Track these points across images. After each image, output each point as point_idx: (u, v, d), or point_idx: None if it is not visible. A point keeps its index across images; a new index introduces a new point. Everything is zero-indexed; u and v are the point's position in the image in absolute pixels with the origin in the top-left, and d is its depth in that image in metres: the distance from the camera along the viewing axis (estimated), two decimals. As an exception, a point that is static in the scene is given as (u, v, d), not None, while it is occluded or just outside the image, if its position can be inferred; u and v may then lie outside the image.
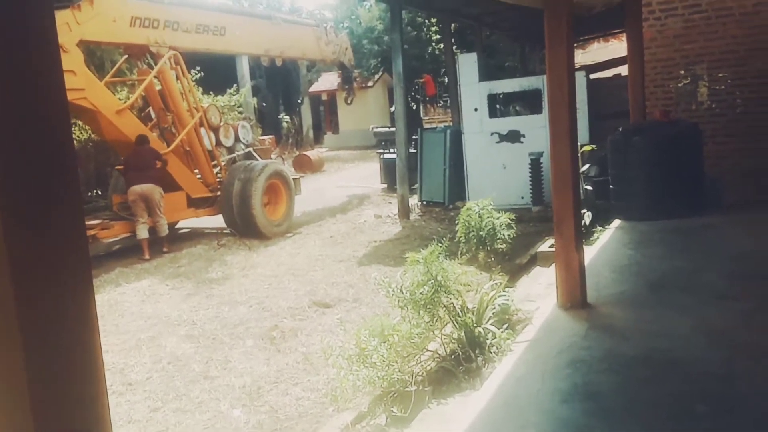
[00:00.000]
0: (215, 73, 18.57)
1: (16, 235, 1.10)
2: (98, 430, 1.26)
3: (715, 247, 6.55)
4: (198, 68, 16.54)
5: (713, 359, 3.91)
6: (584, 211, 8.27)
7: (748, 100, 8.71)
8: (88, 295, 1.24)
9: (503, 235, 5.46)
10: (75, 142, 14.68)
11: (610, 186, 8.27)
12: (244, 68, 23.13)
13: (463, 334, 4.66)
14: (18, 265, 1.10)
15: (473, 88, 11.55)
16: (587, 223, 8.10)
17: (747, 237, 6.75)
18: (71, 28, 8.60)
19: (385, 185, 15.01)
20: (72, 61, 8.68)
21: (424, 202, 12.56)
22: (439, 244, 4.75)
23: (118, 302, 7.41)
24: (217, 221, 11.08)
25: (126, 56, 11.03)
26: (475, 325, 4.70)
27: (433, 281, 4.44)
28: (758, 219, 7.42)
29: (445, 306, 4.62)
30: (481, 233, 5.40)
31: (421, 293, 4.41)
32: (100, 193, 13.85)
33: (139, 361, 5.70)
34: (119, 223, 9.73)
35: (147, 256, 9.33)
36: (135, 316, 6.92)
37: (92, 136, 12.66)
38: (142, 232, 9.53)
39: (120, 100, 10.43)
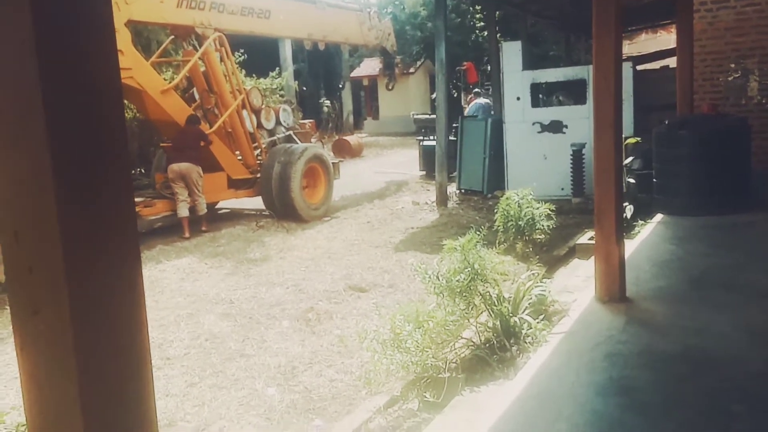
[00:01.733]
0: (258, 55, 18.66)
1: (69, 212, 1.13)
2: (143, 415, 1.28)
3: (760, 245, 6.40)
4: (242, 50, 16.64)
5: (753, 358, 3.84)
6: (626, 204, 8.15)
7: (800, 96, 8.47)
8: (137, 273, 1.26)
9: (542, 225, 5.42)
10: (120, 120, 14.96)
11: (654, 179, 8.12)
12: (287, 52, 23.24)
13: (498, 323, 4.65)
14: (69, 243, 1.13)
15: (516, 77, 11.43)
16: (629, 216, 7.98)
17: (794, 236, 6.58)
18: (120, 8, 8.74)
19: (424, 172, 14.98)
20: (120, 40, 8.81)
21: (463, 191, 12.50)
22: (477, 233, 4.73)
23: (158, 279, 7.56)
24: (257, 203, 11.20)
25: (172, 37, 11.16)
26: (510, 314, 4.69)
27: (469, 269, 4.44)
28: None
29: (481, 294, 4.62)
30: (519, 223, 5.37)
31: (457, 281, 4.41)
32: (143, 171, 14.06)
33: (177, 337, 5.82)
34: (161, 201, 9.90)
35: (187, 235, 9.49)
36: (174, 293, 7.06)
37: (137, 115, 12.84)
38: (183, 211, 9.68)
39: (165, 80, 10.56)
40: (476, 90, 18.29)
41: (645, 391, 3.54)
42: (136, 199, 9.93)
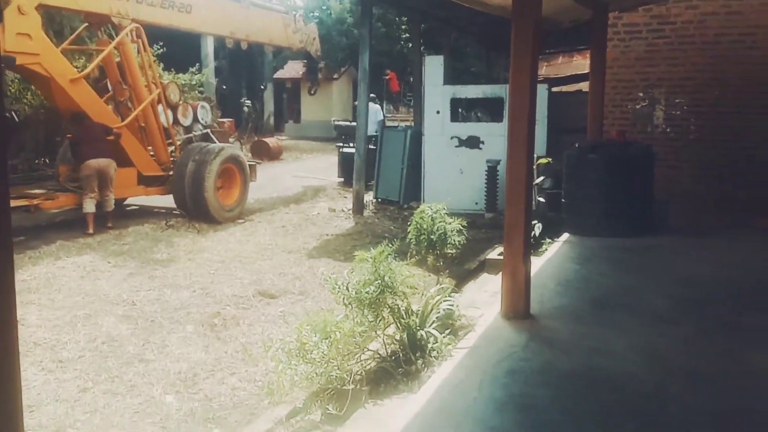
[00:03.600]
0: (179, 50, 18.17)
1: None
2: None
3: (659, 268, 6.69)
4: (161, 43, 16.17)
5: (648, 380, 3.99)
6: (535, 222, 8.36)
7: (702, 128, 8.95)
8: (9, 305, 1.14)
9: (454, 240, 5.48)
10: (26, 107, 14.24)
11: (563, 200, 8.38)
12: (208, 48, 22.76)
13: (405, 336, 4.65)
14: None
15: (437, 91, 11.58)
16: (537, 234, 8.18)
17: (690, 260, 6.92)
18: (31, -9, 8.32)
19: (342, 179, 14.94)
20: (29, 24, 8.39)
21: (380, 200, 12.54)
22: (390, 245, 4.72)
23: (56, 276, 7.19)
24: (167, 201, 10.85)
25: (86, 24, 10.69)
26: (418, 327, 4.69)
27: (379, 281, 4.41)
28: (701, 243, 7.62)
29: (389, 307, 4.60)
30: (432, 237, 5.40)
31: (366, 292, 4.38)
32: (47, 161, 13.42)
33: (72, 339, 5.54)
34: (65, 194, 9.45)
35: (91, 231, 9.08)
36: (72, 292, 6.72)
37: (44, 102, 12.24)
38: (90, 206, 9.27)
39: (77, 69, 10.09)
40: (372, 95, 18.54)
41: (544, 409, 3.61)
42: (38, 191, 9.47)
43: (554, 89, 12.88)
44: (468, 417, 3.53)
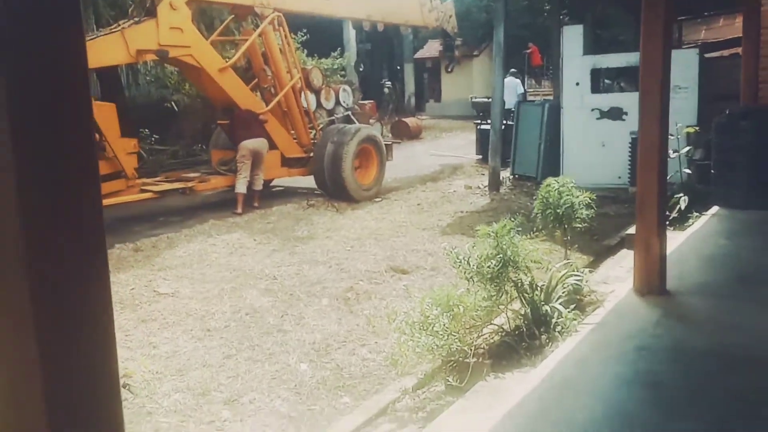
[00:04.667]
0: (322, 36, 18.80)
1: (34, 226, 1.06)
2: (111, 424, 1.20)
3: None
4: (305, 30, 16.80)
5: (791, 360, 3.70)
6: (681, 195, 7.90)
7: None
8: (106, 291, 1.16)
9: (582, 214, 5.32)
10: (185, 97, 15.38)
11: (712, 171, 7.84)
12: (350, 32, 23.30)
13: (529, 310, 4.61)
14: (35, 256, 1.06)
15: (576, 62, 11.16)
16: (683, 207, 7.74)
17: None
18: (181, -13, 8.98)
19: (480, 156, 14.83)
20: (180, 18, 9.05)
21: (516, 176, 12.34)
22: (512, 219, 4.69)
23: (207, 252, 7.77)
24: (310, 182, 11.34)
25: (233, 16, 11.35)
26: (542, 302, 4.63)
27: (501, 255, 4.40)
28: None
29: (513, 281, 4.58)
30: (558, 211, 5.28)
31: (488, 266, 4.38)
32: (204, 147, 14.43)
33: (219, 310, 5.99)
34: (216, 177, 10.16)
35: (240, 211, 9.71)
36: (221, 267, 7.24)
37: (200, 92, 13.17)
38: (241, 187, 9.89)
39: (225, 58, 10.76)
40: (512, 70, 18.08)
41: (671, 387, 3.46)
42: (192, 174, 10.25)
43: (713, 54, 11.99)
44: (588, 392, 3.47)
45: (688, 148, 8.62)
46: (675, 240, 5.30)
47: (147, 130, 13.89)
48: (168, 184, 9.51)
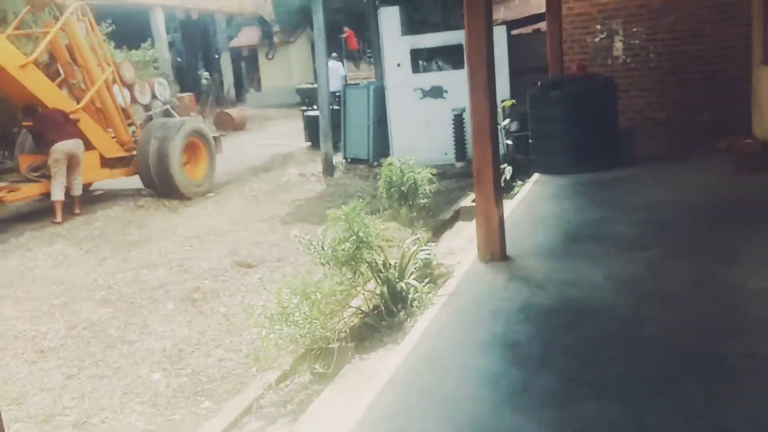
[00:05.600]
0: (128, 26, 17.66)
1: None
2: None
3: (627, 198, 6.77)
4: (109, 21, 15.69)
5: (623, 305, 4.07)
6: (504, 165, 8.39)
7: (660, 55, 8.99)
8: None
9: (425, 189, 5.49)
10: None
11: (530, 140, 8.40)
12: (159, 22, 22.13)
13: (385, 289, 4.68)
14: None
15: (396, 43, 11.44)
16: (507, 177, 8.23)
17: (656, 188, 7.01)
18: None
19: (309, 143, 14.82)
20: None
21: (348, 160, 12.48)
22: (361, 200, 4.72)
23: (28, 268, 7.09)
24: (134, 182, 10.69)
25: (29, 8, 10.35)
26: (397, 280, 4.73)
27: (354, 237, 4.42)
28: (667, 170, 7.72)
29: (367, 262, 4.62)
30: (402, 188, 5.41)
31: (342, 249, 4.39)
32: (6, 153, 13.08)
33: (52, 328, 5.49)
34: (28, 185, 9.25)
35: (59, 219, 8.92)
36: (47, 282, 6.64)
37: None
38: (58, 194, 9.07)
39: (25, 54, 9.78)
40: (333, 54, 18.43)
41: (526, 345, 3.67)
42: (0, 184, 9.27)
43: (513, 32, 12.79)
44: (453, 360, 3.59)
45: (506, 121, 9.18)
46: (506, 207, 5.61)
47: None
48: (-29, 197, 8.52)
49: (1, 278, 6.78)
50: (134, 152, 10.50)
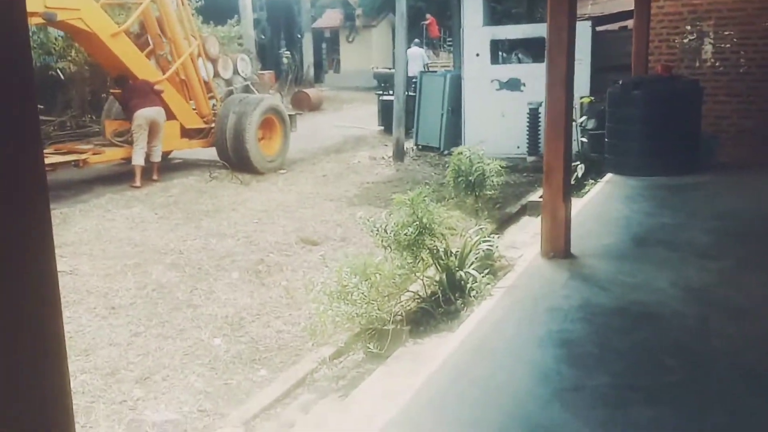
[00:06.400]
0: (216, 2, 18.12)
1: None
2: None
3: (702, 205, 6.55)
4: (199, -4, 16.12)
5: (688, 314, 3.96)
6: (577, 163, 8.24)
7: (752, 61, 8.60)
8: (52, 279, 1.08)
9: (493, 181, 5.46)
10: (71, 64, 14.45)
11: (606, 139, 8.21)
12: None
13: (444, 276, 4.69)
14: None
15: (476, 33, 11.34)
16: (580, 175, 8.08)
17: (734, 197, 6.76)
18: (67, -53, 8.38)
19: (383, 127, 14.89)
20: (69, -20, 8.48)
21: (420, 147, 12.48)
22: (428, 187, 4.74)
23: (106, 228, 7.41)
24: (211, 153, 11.01)
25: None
26: (457, 268, 4.73)
27: (418, 223, 4.45)
28: (747, 180, 7.43)
29: (428, 248, 4.64)
30: (470, 178, 5.39)
31: (405, 234, 4.42)
32: (94, 118, 13.66)
33: (123, 287, 5.74)
34: (111, 149, 9.66)
35: (138, 184, 9.29)
36: (122, 243, 6.94)
37: (88, 59, 12.41)
38: (139, 158, 9.44)
39: (117, 24, 10.17)
40: (416, 40, 18.43)
41: (581, 344, 3.63)
42: (86, 146, 9.71)
43: (599, 28, 12.48)
44: (505, 353, 3.58)
45: (583, 118, 8.99)
46: (574, 206, 5.52)
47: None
48: (59, 157, 8.95)
49: (80, 236, 7.12)
50: (213, 125, 10.80)
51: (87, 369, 4.39)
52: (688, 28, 8.90)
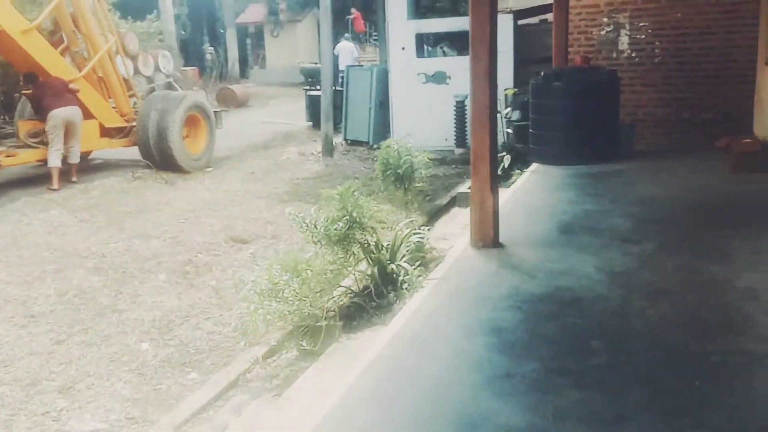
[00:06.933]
0: (134, -3, 17.59)
1: None
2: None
3: (623, 192, 6.78)
4: (115, -9, 15.60)
5: (611, 297, 4.09)
6: (503, 154, 8.39)
7: (666, 50, 8.94)
8: None
9: (421, 173, 5.49)
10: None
11: (530, 130, 8.38)
12: (166, -7, 22.01)
13: (376, 270, 4.69)
14: None
15: (401, 26, 11.38)
16: (506, 165, 8.23)
17: (653, 183, 7.02)
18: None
19: (311, 123, 14.78)
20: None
21: (349, 141, 12.46)
22: (357, 181, 4.72)
23: (23, 233, 7.09)
24: (133, 153, 10.67)
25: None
26: (388, 261, 4.74)
27: (348, 217, 4.42)
28: (665, 166, 7.73)
29: (359, 242, 4.63)
30: (398, 171, 5.41)
31: (335, 229, 4.39)
32: (6, 119, 13.06)
33: (42, 293, 5.51)
34: (26, 150, 9.24)
35: (56, 186, 8.92)
36: (40, 248, 6.65)
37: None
38: (55, 160, 9.05)
39: (28, 20, 9.71)
40: (346, 35, 18.48)
41: (512, 331, 3.69)
42: (-2, 149, 9.26)
43: (522, 21, 12.71)
44: (438, 343, 3.61)
45: (508, 110, 9.15)
46: (502, 196, 5.61)
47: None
48: (-31, 160, 8.51)
49: (-5, 242, 6.79)
50: (134, 123, 10.47)
51: (6, 380, 4.19)
52: (605, 20, 9.17)
